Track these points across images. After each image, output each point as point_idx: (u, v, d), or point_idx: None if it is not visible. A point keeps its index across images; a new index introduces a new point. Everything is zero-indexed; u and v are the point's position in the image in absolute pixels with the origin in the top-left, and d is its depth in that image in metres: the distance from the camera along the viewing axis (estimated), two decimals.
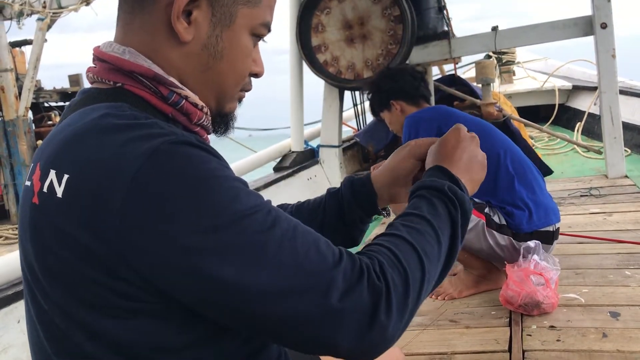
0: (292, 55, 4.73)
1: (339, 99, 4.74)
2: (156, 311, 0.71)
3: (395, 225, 0.84)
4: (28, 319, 0.82)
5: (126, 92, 0.79)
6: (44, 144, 0.80)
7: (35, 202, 0.73)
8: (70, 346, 0.73)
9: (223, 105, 0.87)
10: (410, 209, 0.87)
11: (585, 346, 1.80)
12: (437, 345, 1.97)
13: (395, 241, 0.79)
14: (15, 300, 2.02)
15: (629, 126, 5.12)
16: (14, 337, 1.95)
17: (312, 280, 0.69)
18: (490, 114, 4.36)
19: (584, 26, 4.22)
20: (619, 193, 3.71)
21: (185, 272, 0.67)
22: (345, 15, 4.28)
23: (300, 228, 0.73)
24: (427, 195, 0.88)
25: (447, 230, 0.85)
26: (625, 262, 2.47)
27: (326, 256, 0.72)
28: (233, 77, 0.85)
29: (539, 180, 2.39)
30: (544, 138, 6.39)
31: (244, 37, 0.84)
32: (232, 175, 0.72)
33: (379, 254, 0.77)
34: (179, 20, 0.78)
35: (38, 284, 0.75)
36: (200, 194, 0.67)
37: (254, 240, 0.68)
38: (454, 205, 0.87)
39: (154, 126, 0.72)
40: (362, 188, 1.08)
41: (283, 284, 0.68)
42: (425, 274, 0.78)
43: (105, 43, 0.84)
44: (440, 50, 4.55)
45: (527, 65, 8.93)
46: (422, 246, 0.80)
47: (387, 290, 0.72)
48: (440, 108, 2.65)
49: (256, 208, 0.70)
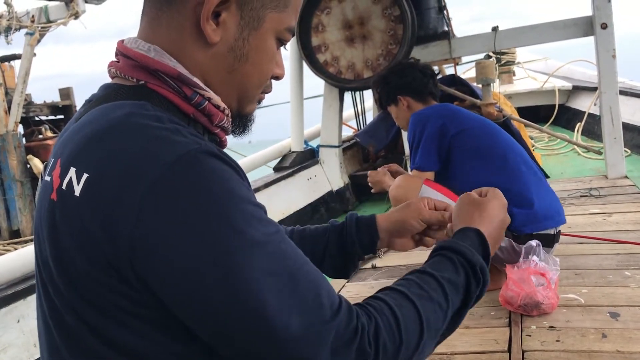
0: (292, 55, 4.73)
1: (339, 99, 4.74)
2: (160, 319, 0.71)
3: (409, 282, 0.82)
4: (40, 316, 0.81)
5: (149, 91, 0.79)
6: (65, 140, 0.78)
7: (54, 198, 0.73)
8: (83, 346, 0.73)
9: (244, 107, 0.88)
10: (432, 268, 0.85)
11: (584, 346, 1.80)
12: None
13: (402, 303, 0.78)
14: (15, 300, 2.02)
15: (629, 127, 5.12)
16: (14, 337, 1.95)
17: (304, 333, 0.68)
18: (490, 114, 4.35)
19: (584, 26, 4.22)
20: (619, 193, 3.71)
21: (185, 290, 0.66)
22: (345, 15, 4.28)
23: (305, 269, 0.72)
24: (457, 262, 0.86)
25: (457, 306, 0.84)
26: (625, 263, 2.47)
27: (324, 306, 0.70)
28: (257, 79, 0.86)
29: (543, 181, 2.39)
30: (544, 138, 6.39)
31: (270, 41, 0.84)
32: (251, 198, 0.71)
33: (379, 314, 0.75)
34: (208, 21, 0.78)
35: (52, 281, 0.74)
36: (218, 214, 0.67)
37: (259, 270, 0.67)
38: (477, 285, 0.86)
39: (177, 132, 0.71)
40: (367, 228, 1.09)
41: (280, 331, 0.67)
42: (419, 348, 0.78)
43: (130, 39, 0.83)
44: (440, 50, 4.55)
45: (527, 66, 8.91)
46: (428, 317, 0.79)
47: (375, 358, 0.71)
48: (446, 106, 2.63)
49: (269, 237, 0.70)
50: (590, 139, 5.94)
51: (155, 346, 0.71)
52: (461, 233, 0.93)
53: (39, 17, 7.22)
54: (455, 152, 2.35)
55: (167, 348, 0.72)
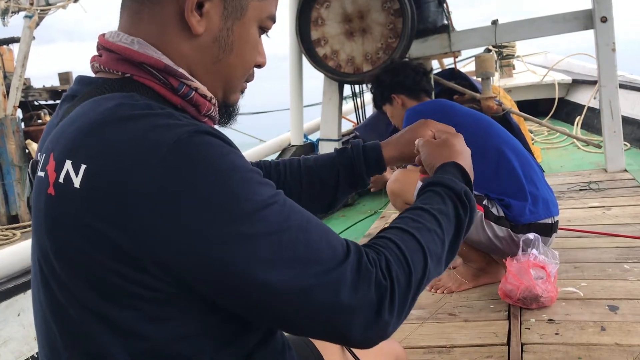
0: (291, 49, 4.72)
1: (338, 93, 4.73)
2: (176, 301, 0.71)
3: (405, 219, 0.86)
4: (38, 311, 0.81)
5: (135, 83, 0.79)
6: (56, 134, 0.78)
7: (51, 193, 0.72)
8: (84, 340, 0.73)
9: (228, 96, 0.88)
10: (423, 202, 0.89)
11: (583, 339, 1.81)
12: (436, 339, 1.98)
13: (404, 237, 0.81)
14: (15, 293, 2.03)
15: (629, 120, 5.12)
16: (14, 331, 1.96)
17: (325, 277, 0.71)
18: (489, 108, 4.35)
19: (584, 20, 4.21)
20: (618, 187, 3.71)
21: (207, 262, 0.67)
22: (345, 9, 4.27)
23: (313, 220, 0.75)
24: (443, 194, 0.91)
25: (452, 232, 0.88)
26: (624, 256, 2.48)
27: (336, 250, 0.73)
28: (241, 69, 0.87)
29: (538, 172, 2.40)
30: (544, 132, 6.39)
31: (253, 30, 0.85)
32: (249, 166, 0.73)
33: (386, 249, 0.78)
34: (192, 12, 0.78)
35: (55, 276, 0.74)
36: (223, 185, 0.68)
37: (273, 231, 0.69)
38: (465, 211, 0.90)
39: (171, 116, 0.72)
40: (372, 152, 1.17)
41: (300, 281, 0.69)
42: (426, 274, 0.81)
43: (111, 32, 0.83)
44: (440, 44, 4.54)
45: (526, 59, 8.91)
46: (429, 245, 0.82)
47: (391, 288, 0.74)
48: (441, 101, 2.66)
49: (274, 198, 0.72)
50: (590, 133, 5.94)
51: (164, 329, 0.72)
52: (440, 169, 0.99)
53: (38, 0, 7.15)
54: None
55: (177, 331, 0.73)
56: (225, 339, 0.77)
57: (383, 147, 1.18)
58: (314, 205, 1.17)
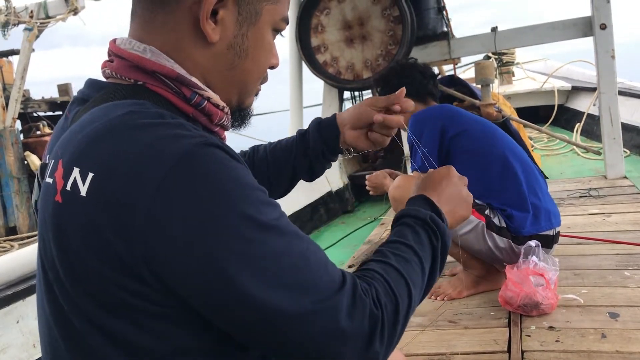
0: (291, 56, 4.73)
1: (338, 100, 4.74)
2: (175, 316, 0.71)
3: (384, 253, 0.87)
4: (41, 316, 0.80)
5: (147, 91, 0.78)
6: (65, 140, 0.77)
7: (59, 200, 0.72)
8: (87, 348, 0.73)
9: (244, 101, 0.88)
10: (397, 236, 0.91)
11: (584, 347, 1.80)
12: (436, 346, 1.97)
13: (387, 269, 0.83)
14: (14, 300, 2.02)
15: (628, 127, 5.12)
16: (14, 337, 1.95)
17: (322, 305, 0.71)
18: (489, 115, 4.35)
19: (584, 27, 4.22)
20: (618, 194, 3.71)
21: (205, 279, 0.67)
22: (344, 16, 4.28)
23: (312, 246, 0.75)
24: (412, 223, 0.92)
25: (429, 260, 0.89)
26: (624, 263, 2.47)
27: (334, 278, 0.74)
28: (256, 73, 0.87)
29: (542, 183, 2.39)
30: (543, 139, 6.39)
31: (267, 34, 0.85)
32: (255, 184, 0.72)
33: (374, 280, 0.80)
34: (207, 20, 0.78)
35: (59, 283, 0.74)
36: (227, 202, 0.67)
37: (275, 253, 0.69)
38: (435, 236, 0.91)
39: (181, 127, 0.71)
40: (328, 125, 1.20)
41: (298, 306, 0.69)
42: (411, 302, 0.82)
43: (122, 39, 0.82)
44: (439, 51, 4.56)
45: (526, 66, 8.92)
46: (410, 275, 0.84)
47: (382, 318, 0.76)
48: (446, 107, 2.62)
49: (277, 221, 0.71)
50: (590, 140, 5.95)
51: (165, 343, 0.72)
52: (409, 202, 1.01)
53: (37, 13, 7.14)
54: (454, 154, 2.34)
55: (178, 345, 0.72)
56: (224, 356, 0.76)
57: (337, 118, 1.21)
58: (282, 178, 1.24)
